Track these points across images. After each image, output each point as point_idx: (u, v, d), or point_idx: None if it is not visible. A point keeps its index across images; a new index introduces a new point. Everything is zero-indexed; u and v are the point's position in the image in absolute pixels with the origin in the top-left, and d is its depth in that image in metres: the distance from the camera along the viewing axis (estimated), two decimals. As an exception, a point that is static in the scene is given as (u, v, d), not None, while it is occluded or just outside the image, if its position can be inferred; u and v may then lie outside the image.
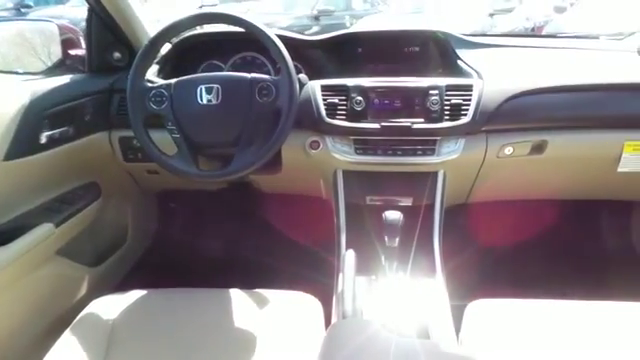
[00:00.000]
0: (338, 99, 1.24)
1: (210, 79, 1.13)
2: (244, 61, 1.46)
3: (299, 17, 6.12)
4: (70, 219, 1.26)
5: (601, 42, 1.54)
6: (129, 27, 1.36)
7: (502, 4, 5.68)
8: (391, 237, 1.11)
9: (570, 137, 1.24)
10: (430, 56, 1.43)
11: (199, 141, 1.15)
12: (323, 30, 1.52)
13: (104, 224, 1.51)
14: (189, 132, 1.13)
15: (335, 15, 6.06)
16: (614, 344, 0.91)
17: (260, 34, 1.11)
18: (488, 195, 1.45)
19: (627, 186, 1.37)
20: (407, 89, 1.23)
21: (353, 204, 1.30)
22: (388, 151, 1.24)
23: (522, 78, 1.24)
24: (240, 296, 1.08)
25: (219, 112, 1.11)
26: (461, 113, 1.20)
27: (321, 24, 5.85)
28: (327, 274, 1.24)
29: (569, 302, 1.01)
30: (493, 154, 1.24)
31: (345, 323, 0.89)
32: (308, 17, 6.09)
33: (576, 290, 1.05)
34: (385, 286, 1.14)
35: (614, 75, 1.25)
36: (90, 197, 1.37)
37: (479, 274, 1.40)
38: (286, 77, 1.09)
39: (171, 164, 1.12)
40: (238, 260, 1.75)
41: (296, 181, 1.45)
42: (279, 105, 1.10)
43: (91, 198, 1.37)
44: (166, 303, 1.08)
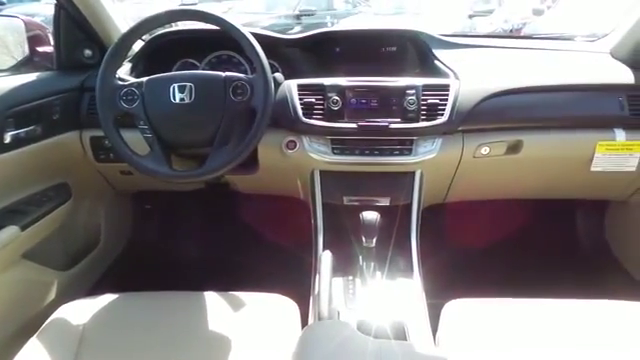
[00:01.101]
0: (315, 98, 1.23)
1: (183, 77, 1.10)
2: (220, 60, 1.44)
3: (281, 16, 6.09)
4: (38, 221, 1.21)
5: (575, 43, 1.56)
6: (99, 24, 1.33)
7: (481, 6, 5.76)
8: (368, 237, 1.10)
9: (545, 137, 1.26)
10: (407, 56, 1.43)
11: (172, 141, 1.12)
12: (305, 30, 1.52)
13: (75, 226, 1.47)
14: (161, 131, 1.10)
15: (317, 15, 6.05)
16: (589, 342, 0.92)
17: (234, 32, 1.09)
18: (465, 195, 1.46)
19: (600, 185, 1.39)
20: (384, 89, 1.23)
21: (331, 204, 1.29)
22: (365, 151, 1.23)
23: (498, 78, 1.25)
24: (215, 299, 1.07)
25: (192, 111, 1.09)
26: (438, 113, 1.20)
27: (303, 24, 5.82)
28: (305, 275, 1.23)
29: (545, 301, 1.02)
30: (470, 154, 1.25)
31: (320, 325, 0.88)
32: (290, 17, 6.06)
33: (552, 289, 1.06)
34: (362, 287, 1.13)
35: (587, 76, 1.27)
36: (60, 198, 1.33)
37: (456, 273, 1.40)
38: (261, 76, 1.08)
39: (143, 164, 1.10)
40: (215, 262, 1.72)
41: (273, 181, 1.43)
42: (254, 104, 1.08)
43: (61, 200, 1.33)
44: (139, 307, 1.06)
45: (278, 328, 0.99)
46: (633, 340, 0.92)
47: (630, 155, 1.25)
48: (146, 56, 1.40)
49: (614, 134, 1.24)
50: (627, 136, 1.23)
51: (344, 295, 1.11)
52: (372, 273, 1.15)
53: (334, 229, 1.28)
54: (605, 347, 0.91)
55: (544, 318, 0.98)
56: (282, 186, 1.46)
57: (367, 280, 1.14)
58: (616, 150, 1.25)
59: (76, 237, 1.50)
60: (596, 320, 0.97)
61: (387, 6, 5.97)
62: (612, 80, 1.26)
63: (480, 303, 1.03)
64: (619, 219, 1.65)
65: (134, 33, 1.12)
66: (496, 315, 1.00)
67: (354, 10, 6.29)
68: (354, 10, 6.29)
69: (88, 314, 1.00)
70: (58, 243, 1.40)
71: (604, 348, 0.91)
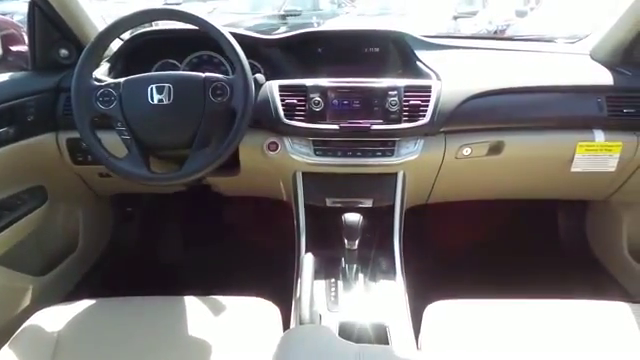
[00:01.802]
0: (296, 99, 1.22)
1: (161, 78, 1.08)
2: (201, 60, 1.42)
3: (266, 17, 6.06)
4: (11, 225, 1.18)
5: (556, 45, 1.57)
6: (75, 22, 1.30)
7: (465, 7, 5.80)
8: (350, 239, 1.10)
9: (526, 138, 1.26)
10: (390, 57, 1.43)
11: (150, 142, 1.10)
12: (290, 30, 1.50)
13: (52, 230, 1.44)
14: (139, 133, 1.08)
15: (303, 15, 6.04)
16: (570, 341, 0.93)
17: (213, 32, 1.08)
18: (448, 195, 1.46)
19: (580, 186, 1.40)
20: (366, 90, 1.22)
21: (313, 206, 1.28)
22: (347, 152, 1.22)
23: (480, 79, 1.25)
24: (195, 303, 1.05)
25: (171, 112, 1.07)
26: (420, 114, 1.19)
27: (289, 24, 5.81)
28: (287, 278, 1.22)
29: (527, 301, 1.02)
30: (452, 155, 1.25)
31: (300, 330, 0.87)
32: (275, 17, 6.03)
33: (534, 289, 1.07)
34: (345, 289, 1.12)
35: (567, 77, 1.28)
36: (35, 202, 1.30)
37: (439, 275, 1.40)
38: (241, 76, 1.06)
39: (120, 167, 1.07)
40: (197, 265, 1.70)
41: (255, 183, 1.41)
42: (234, 105, 1.07)
43: (36, 203, 1.30)
44: (117, 313, 1.03)
45: (258, 333, 0.97)
46: (613, 339, 0.93)
47: (609, 156, 1.26)
48: (125, 56, 1.37)
49: (593, 135, 1.25)
50: (606, 137, 1.25)
51: (326, 298, 1.09)
52: (355, 275, 1.15)
53: (317, 231, 1.27)
54: (586, 346, 0.91)
55: (526, 318, 0.98)
56: (264, 188, 1.44)
57: (350, 282, 1.14)
58: (595, 151, 1.26)
59: (52, 241, 1.46)
60: (576, 320, 0.98)
61: (372, 7, 5.98)
62: (591, 81, 1.27)
63: (463, 304, 1.03)
64: (599, 219, 1.67)
65: (111, 32, 1.10)
66: (478, 316, 1.00)
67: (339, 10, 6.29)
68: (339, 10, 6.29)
69: (63, 321, 0.97)
70: (33, 247, 1.36)
71: (585, 347, 0.91)
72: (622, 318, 0.97)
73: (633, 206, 1.46)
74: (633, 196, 1.42)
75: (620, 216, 1.50)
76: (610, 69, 1.31)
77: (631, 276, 1.46)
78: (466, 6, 5.93)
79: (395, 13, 5.52)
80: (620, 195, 1.43)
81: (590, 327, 0.96)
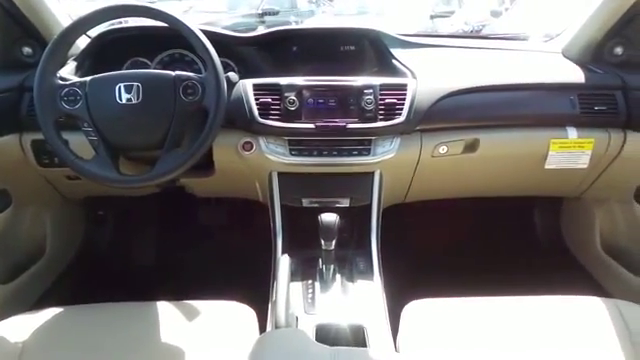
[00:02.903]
0: (271, 98, 1.20)
1: (129, 77, 1.04)
2: (172, 58, 1.38)
3: (244, 16, 5.99)
4: None
5: (529, 43, 1.59)
6: (38, 19, 1.25)
7: (442, 7, 5.85)
8: (327, 240, 1.08)
9: (501, 135, 1.27)
10: (365, 55, 1.42)
11: (119, 144, 1.06)
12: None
13: (17, 236, 1.38)
14: (107, 134, 1.04)
15: (281, 14, 5.99)
16: (547, 338, 0.93)
17: (183, 29, 1.04)
18: (425, 194, 1.46)
19: (555, 182, 1.42)
20: (341, 88, 1.21)
21: (290, 207, 1.27)
22: (323, 152, 1.21)
23: (455, 78, 1.25)
24: (168, 309, 1.02)
25: (140, 112, 1.03)
26: (395, 112, 1.19)
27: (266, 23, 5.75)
28: (264, 281, 1.20)
29: (504, 299, 1.02)
30: (428, 153, 1.25)
31: (274, 334, 0.85)
32: (253, 16, 5.96)
33: (512, 286, 1.07)
34: (322, 291, 1.10)
35: (540, 75, 1.29)
36: None
37: (417, 274, 1.40)
38: (212, 75, 1.03)
39: (87, 169, 1.03)
40: (172, 269, 1.66)
41: (231, 184, 1.39)
42: (206, 104, 1.04)
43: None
44: (86, 321, 1.00)
45: (234, 337, 0.95)
46: (585, 334, 0.94)
47: (582, 152, 1.28)
48: (92, 54, 1.32)
49: (566, 132, 1.27)
50: (579, 134, 1.26)
51: (303, 300, 1.08)
52: (332, 276, 1.13)
53: (294, 232, 1.26)
54: (560, 342, 0.92)
55: (503, 315, 0.99)
56: (240, 189, 1.42)
57: (327, 284, 1.12)
58: (569, 148, 1.27)
59: (18, 247, 1.40)
60: (551, 316, 0.99)
61: (350, 6, 5.98)
62: (563, 79, 1.29)
63: (440, 303, 1.03)
64: (573, 216, 1.69)
65: (76, 29, 1.06)
66: (456, 314, 1.00)
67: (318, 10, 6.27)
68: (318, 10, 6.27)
69: (28, 330, 0.93)
70: (-3, 254, 1.31)
71: (559, 343, 0.92)
72: (594, 313, 0.98)
73: (605, 202, 1.49)
74: (605, 192, 1.44)
75: (593, 212, 1.53)
76: (582, 67, 1.33)
77: (604, 271, 1.49)
78: (443, 6, 5.99)
79: (373, 12, 5.53)
80: (592, 192, 1.45)
81: (564, 323, 0.97)
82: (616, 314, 0.97)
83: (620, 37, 1.29)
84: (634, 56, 1.29)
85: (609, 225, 1.50)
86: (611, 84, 1.27)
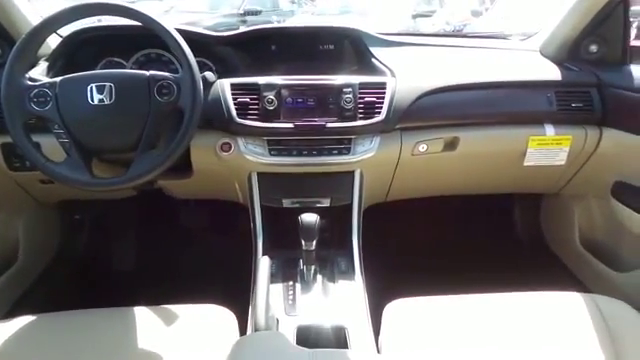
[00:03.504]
0: (249, 98, 1.18)
1: (102, 77, 1.02)
2: (148, 58, 1.35)
3: (225, 16, 5.93)
4: None
5: (508, 42, 1.61)
6: (7, 18, 1.21)
7: (424, 7, 5.90)
8: (308, 240, 1.07)
9: (480, 133, 1.27)
10: (345, 54, 1.41)
11: (92, 146, 1.04)
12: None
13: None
14: (79, 136, 1.01)
15: (263, 14, 5.95)
16: (530, 334, 0.94)
17: (157, 28, 1.02)
18: (406, 193, 1.46)
19: (534, 179, 1.43)
20: (320, 87, 1.20)
21: (270, 208, 1.25)
22: (303, 151, 1.20)
23: (434, 76, 1.25)
24: (146, 314, 1.00)
25: (113, 113, 1.01)
26: (375, 111, 1.18)
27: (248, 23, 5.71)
28: (244, 283, 1.18)
29: (485, 296, 1.03)
30: (408, 152, 1.24)
31: (253, 338, 0.83)
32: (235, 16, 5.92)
33: (493, 283, 1.07)
34: (303, 292, 1.09)
35: (518, 73, 1.31)
36: None
37: (399, 273, 1.40)
38: (187, 74, 1.01)
39: (58, 172, 1.00)
40: (152, 274, 1.63)
41: (210, 185, 1.37)
42: (181, 105, 1.02)
43: None
44: (60, 329, 0.97)
45: (213, 342, 0.93)
46: (565, 329, 0.95)
47: (560, 149, 1.29)
48: (64, 54, 1.29)
49: (544, 129, 1.28)
50: (556, 131, 1.28)
51: (284, 302, 1.06)
52: (313, 277, 1.12)
53: (274, 233, 1.24)
54: (543, 337, 0.93)
55: (484, 313, 0.99)
56: (220, 190, 1.39)
57: (308, 284, 1.11)
58: (547, 145, 1.28)
59: None
60: (531, 312, 0.99)
61: (333, 6, 5.97)
62: (541, 77, 1.30)
63: (422, 302, 1.02)
64: (552, 212, 1.71)
65: (45, 28, 1.02)
66: (437, 313, 0.99)
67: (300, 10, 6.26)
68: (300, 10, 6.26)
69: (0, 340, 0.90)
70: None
71: (542, 338, 0.93)
72: (573, 309, 0.99)
73: (583, 198, 1.51)
74: (582, 188, 1.46)
75: (571, 209, 1.55)
76: (558, 65, 1.34)
77: (583, 266, 1.51)
78: (424, 6, 6.03)
79: (355, 12, 5.53)
80: (571, 188, 1.47)
81: (543, 319, 0.97)
82: (594, 309, 0.98)
83: (595, 35, 1.31)
84: (608, 54, 1.31)
85: (587, 221, 1.52)
86: (586, 81, 1.28)
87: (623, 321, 0.96)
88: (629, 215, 1.24)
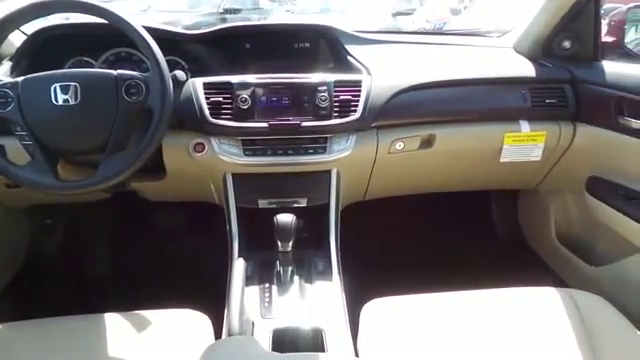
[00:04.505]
0: (222, 97, 1.16)
1: (66, 76, 0.98)
2: (118, 57, 1.32)
3: (205, 15, 5.86)
4: None
5: (483, 39, 1.61)
6: None
7: (404, 5, 5.92)
8: (284, 241, 1.05)
9: (456, 130, 1.27)
10: (320, 52, 1.40)
11: (57, 148, 1.00)
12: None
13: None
14: (43, 138, 0.98)
15: (242, 13, 5.90)
16: (508, 330, 0.94)
17: (124, 25, 0.99)
18: (384, 191, 1.46)
19: (510, 176, 1.44)
20: (295, 86, 1.18)
21: (246, 209, 1.23)
22: (278, 151, 1.18)
23: (409, 74, 1.25)
24: (118, 321, 0.97)
25: (79, 114, 0.98)
26: (350, 109, 1.17)
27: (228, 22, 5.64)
28: (221, 287, 1.16)
29: (463, 293, 1.02)
30: (385, 150, 1.24)
31: (224, 343, 0.81)
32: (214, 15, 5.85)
33: (472, 280, 1.07)
34: (279, 294, 1.07)
35: (493, 70, 1.31)
36: None
37: (378, 272, 1.40)
38: (156, 73, 0.99)
39: (22, 176, 0.97)
40: (127, 278, 1.59)
41: (184, 187, 1.34)
42: (150, 105, 0.99)
43: None
44: (30, 337, 0.94)
45: (187, 347, 0.91)
46: (544, 324, 0.95)
47: (535, 145, 1.30)
48: (29, 53, 1.24)
49: (519, 126, 1.28)
50: (531, 127, 1.28)
51: (260, 304, 1.04)
52: (290, 278, 1.10)
53: (250, 235, 1.22)
54: (520, 333, 0.93)
55: (462, 310, 0.99)
56: (195, 191, 1.37)
57: (285, 286, 1.09)
58: (522, 141, 1.29)
59: None
60: (510, 308, 1.00)
61: (313, 5, 5.95)
62: (515, 74, 1.30)
63: (399, 301, 1.02)
64: (530, 208, 1.73)
65: (4, 26, 0.99)
66: (414, 311, 0.99)
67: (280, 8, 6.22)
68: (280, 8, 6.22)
69: None
70: None
71: (519, 334, 0.93)
72: (550, 303, 0.99)
73: (559, 194, 1.52)
74: (558, 184, 1.48)
75: (548, 204, 1.56)
76: (532, 61, 1.35)
77: (560, 261, 1.52)
78: (404, 4, 6.06)
79: (336, 10, 5.53)
80: (547, 184, 1.48)
81: (521, 314, 0.98)
82: (570, 304, 0.99)
83: (567, 32, 1.32)
84: (581, 50, 1.32)
85: (563, 216, 1.53)
86: (560, 77, 1.29)
87: (598, 314, 0.97)
88: (603, 210, 1.25)
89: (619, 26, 1.39)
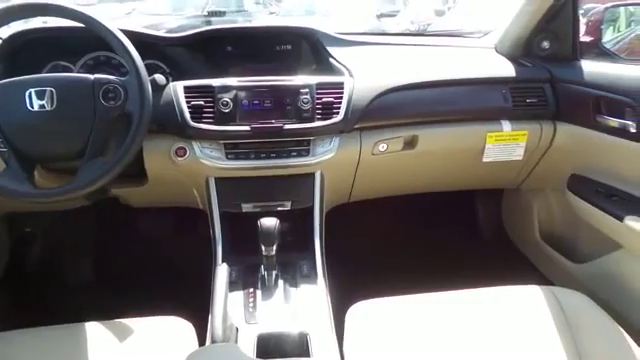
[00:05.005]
0: (204, 101, 1.15)
1: (41, 81, 0.97)
2: (97, 62, 1.30)
3: (189, 18, 5.80)
4: None
5: (464, 39, 1.62)
6: None
7: (388, 7, 5.93)
8: (267, 245, 1.04)
9: (439, 131, 1.28)
10: (303, 54, 1.39)
11: (33, 154, 0.98)
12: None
13: None
14: (19, 144, 0.96)
15: (227, 16, 5.86)
16: (492, 328, 0.94)
17: (100, 29, 0.98)
18: (369, 193, 1.45)
19: (493, 175, 1.45)
20: (277, 88, 1.18)
21: (230, 213, 1.22)
22: (261, 154, 1.17)
23: (391, 75, 1.25)
24: (100, 330, 0.95)
25: (55, 120, 0.96)
26: (333, 112, 1.17)
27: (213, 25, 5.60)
28: (205, 293, 1.14)
29: (448, 293, 1.03)
30: (368, 151, 1.23)
31: (206, 351, 0.80)
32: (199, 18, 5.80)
33: (458, 280, 1.07)
34: (264, 299, 1.06)
35: (474, 70, 1.32)
36: None
37: (364, 274, 1.39)
38: (134, 77, 0.97)
39: None
40: (108, 286, 1.57)
41: (167, 192, 1.32)
42: (129, 109, 0.98)
43: None
44: (8, 349, 0.92)
45: (169, 356, 0.89)
46: (528, 322, 0.96)
47: (517, 145, 1.31)
48: (5, 58, 1.22)
49: (501, 125, 1.29)
50: (513, 126, 1.29)
51: (244, 310, 1.03)
52: (274, 283, 1.09)
53: (235, 239, 1.21)
54: (504, 331, 0.94)
55: (448, 311, 0.99)
56: (178, 196, 1.35)
57: (269, 291, 1.08)
58: (504, 141, 1.30)
59: None
60: (494, 307, 1.00)
61: (298, 7, 5.94)
62: (496, 74, 1.31)
63: (385, 303, 1.01)
64: (513, 207, 1.74)
65: None
66: (399, 313, 0.99)
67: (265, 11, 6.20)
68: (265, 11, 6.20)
69: None
70: None
71: (503, 333, 0.93)
72: (533, 301, 1.00)
73: (541, 192, 1.54)
74: (541, 182, 1.49)
75: (531, 203, 1.57)
76: (513, 61, 1.36)
77: (544, 259, 1.54)
78: (389, 6, 6.07)
79: (320, 13, 5.52)
80: (530, 182, 1.50)
81: (505, 313, 0.98)
82: (553, 301, 0.99)
83: (546, 32, 1.33)
84: (560, 50, 1.34)
85: (546, 214, 1.55)
86: (540, 77, 1.30)
87: (581, 311, 0.98)
88: (584, 207, 1.27)
89: (597, 26, 1.41)
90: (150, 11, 6.15)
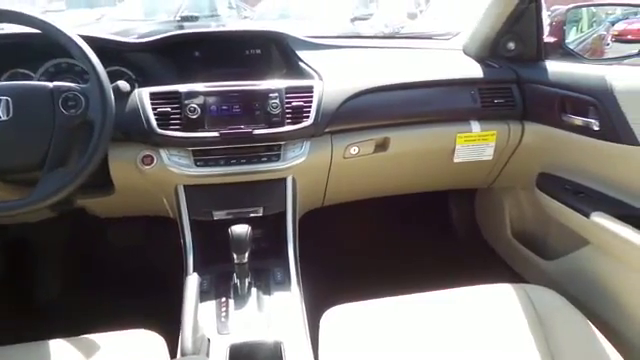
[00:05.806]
0: (170, 107, 1.12)
1: None
2: (59, 69, 1.26)
3: (161, 23, 5.74)
4: None
5: (433, 42, 1.64)
6: None
7: (362, 10, 5.99)
8: (239, 253, 1.02)
9: (409, 133, 1.28)
10: (272, 59, 1.38)
11: None
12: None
13: None
14: None
15: (200, 21, 5.82)
16: (466, 328, 0.95)
17: (58, 35, 0.95)
18: (343, 197, 1.45)
19: (465, 176, 1.46)
20: (245, 93, 1.16)
21: (200, 221, 1.19)
22: (231, 160, 1.15)
23: (361, 78, 1.25)
24: (67, 347, 0.92)
25: (11, 130, 0.92)
26: (303, 115, 1.16)
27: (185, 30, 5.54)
28: (177, 304, 1.11)
29: (420, 295, 1.03)
30: (339, 155, 1.23)
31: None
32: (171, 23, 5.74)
33: (433, 281, 1.07)
34: (236, 308, 1.04)
35: (443, 72, 1.33)
36: None
37: (339, 279, 1.38)
38: (95, 84, 0.95)
39: None
40: (76, 300, 1.51)
41: (135, 202, 1.29)
42: (91, 117, 0.95)
43: None
44: None
45: None
46: (500, 320, 0.96)
47: (486, 145, 1.33)
48: None
49: (470, 126, 1.31)
50: (482, 127, 1.31)
51: (216, 320, 1.01)
52: (247, 291, 1.07)
53: (206, 248, 1.18)
54: (478, 331, 0.94)
55: (420, 312, 0.99)
56: (146, 205, 1.32)
57: (242, 299, 1.06)
58: (473, 141, 1.31)
59: None
60: (467, 306, 1.00)
61: (272, 11, 5.94)
62: (464, 75, 1.33)
63: (359, 307, 1.01)
64: (486, 206, 1.77)
65: None
66: (373, 317, 0.98)
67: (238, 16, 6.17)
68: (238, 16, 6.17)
69: None
70: None
71: (477, 332, 0.94)
72: (505, 299, 1.01)
73: (512, 191, 1.56)
74: (511, 181, 1.51)
75: (502, 201, 1.60)
76: (480, 63, 1.38)
77: (516, 257, 1.56)
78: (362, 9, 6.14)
79: (294, 17, 5.53)
80: (501, 181, 1.52)
81: (477, 312, 0.99)
82: (525, 298, 1.00)
83: (512, 34, 1.36)
84: (525, 51, 1.36)
85: (517, 212, 1.57)
86: (506, 77, 1.33)
87: (551, 308, 0.99)
88: (553, 205, 1.29)
89: (560, 27, 1.43)
90: (121, 17, 6.06)
